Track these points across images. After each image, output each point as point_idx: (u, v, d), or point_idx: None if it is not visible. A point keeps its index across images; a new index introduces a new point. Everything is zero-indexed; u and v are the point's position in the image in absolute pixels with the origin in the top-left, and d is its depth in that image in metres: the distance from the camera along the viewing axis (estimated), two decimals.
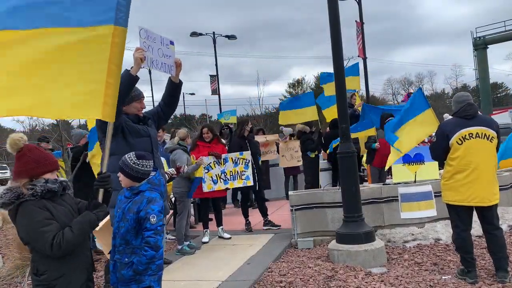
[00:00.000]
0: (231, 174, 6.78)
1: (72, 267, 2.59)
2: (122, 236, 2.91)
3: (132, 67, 3.33)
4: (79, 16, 2.75)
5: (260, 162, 8.38)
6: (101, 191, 2.89)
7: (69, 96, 2.70)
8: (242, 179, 6.84)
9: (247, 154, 6.88)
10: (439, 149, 4.50)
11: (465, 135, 4.30)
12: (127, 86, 3.32)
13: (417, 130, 5.69)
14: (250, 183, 6.85)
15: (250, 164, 6.85)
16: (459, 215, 4.39)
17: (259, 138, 9.85)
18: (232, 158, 6.81)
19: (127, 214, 2.95)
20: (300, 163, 9.68)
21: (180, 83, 3.80)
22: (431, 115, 5.69)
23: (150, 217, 2.90)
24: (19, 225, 2.50)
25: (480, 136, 4.29)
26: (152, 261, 2.88)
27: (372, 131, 7.73)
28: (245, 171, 6.84)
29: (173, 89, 3.79)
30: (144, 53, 3.28)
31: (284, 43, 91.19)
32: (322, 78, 9.13)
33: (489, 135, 4.31)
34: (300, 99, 9.68)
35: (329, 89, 8.14)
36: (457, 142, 4.32)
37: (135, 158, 3.07)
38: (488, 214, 4.34)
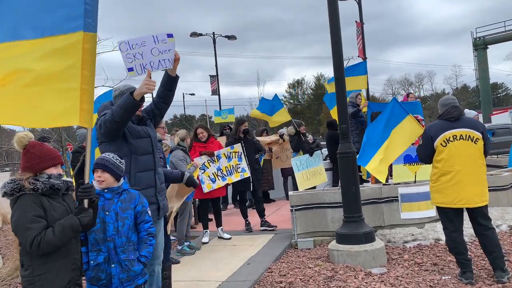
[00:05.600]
0: (226, 169, 6.79)
1: (56, 267, 2.59)
2: (125, 234, 3.02)
3: (136, 89, 3.29)
4: (47, 26, 2.76)
5: (262, 162, 8.33)
6: None
7: (47, 105, 2.72)
8: (238, 172, 6.84)
9: (238, 147, 6.92)
10: (425, 152, 4.51)
11: (449, 137, 4.30)
12: (129, 111, 3.27)
13: (400, 139, 5.66)
14: (247, 174, 6.88)
15: (243, 156, 6.88)
16: (448, 217, 4.38)
17: (263, 139, 9.85)
18: (224, 154, 6.84)
19: (123, 213, 3.03)
20: None
21: (177, 77, 3.72)
22: (411, 120, 5.66)
23: (147, 209, 3.16)
24: (12, 216, 2.56)
25: (464, 138, 4.29)
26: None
27: None
28: (239, 163, 6.86)
29: (170, 83, 3.71)
30: (131, 63, 3.27)
31: (276, 43, 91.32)
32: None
33: (473, 137, 4.29)
34: (268, 105, 9.56)
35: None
36: (441, 144, 4.33)
37: (117, 156, 3.13)
38: (477, 216, 4.33)
